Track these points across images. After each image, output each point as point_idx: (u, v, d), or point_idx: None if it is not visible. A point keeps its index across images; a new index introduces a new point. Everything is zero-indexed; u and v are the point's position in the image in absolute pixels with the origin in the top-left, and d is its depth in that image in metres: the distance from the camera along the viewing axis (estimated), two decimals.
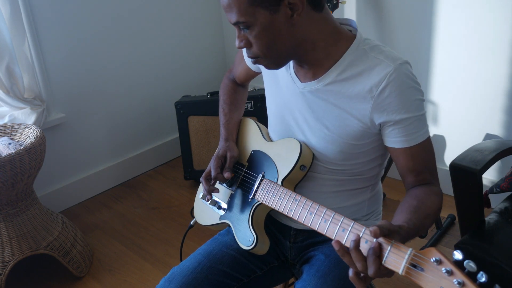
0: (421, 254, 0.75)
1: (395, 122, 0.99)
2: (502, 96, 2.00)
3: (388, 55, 1.00)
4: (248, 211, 1.14)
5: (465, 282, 0.69)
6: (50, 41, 2.23)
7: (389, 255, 0.79)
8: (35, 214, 1.84)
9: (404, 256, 0.77)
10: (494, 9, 1.90)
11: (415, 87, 1.00)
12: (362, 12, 2.30)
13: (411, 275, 0.76)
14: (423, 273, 0.74)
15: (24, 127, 1.89)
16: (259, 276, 1.19)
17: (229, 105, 1.34)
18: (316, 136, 1.08)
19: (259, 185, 1.12)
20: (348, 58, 1.02)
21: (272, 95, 1.19)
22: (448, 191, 2.32)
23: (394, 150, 1.03)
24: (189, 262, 1.16)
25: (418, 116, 1.00)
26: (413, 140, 1.00)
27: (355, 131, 1.03)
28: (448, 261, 0.72)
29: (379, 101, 0.98)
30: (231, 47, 3.06)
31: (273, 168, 1.13)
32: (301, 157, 1.07)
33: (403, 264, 0.77)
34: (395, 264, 0.78)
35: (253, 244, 1.11)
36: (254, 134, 1.26)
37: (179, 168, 2.79)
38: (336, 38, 1.03)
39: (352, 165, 1.09)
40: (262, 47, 0.99)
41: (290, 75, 1.11)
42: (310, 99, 1.07)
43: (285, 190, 1.06)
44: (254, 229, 1.11)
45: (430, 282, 0.73)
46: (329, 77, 1.03)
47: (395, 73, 0.97)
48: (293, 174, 1.09)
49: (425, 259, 0.74)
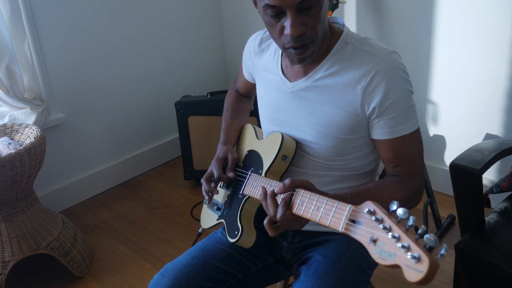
0: (358, 208, 0.76)
1: (381, 112, 0.99)
2: (502, 96, 2.00)
3: (375, 47, 1.02)
4: (238, 206, 1.16)
5: (392, 227, 0.69)
6: (50, 41, 2.23)
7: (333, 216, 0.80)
8: (35, 214, 1.85)
9: (343, 214, 0.78)
10: (494, 10, 1.90)
11: (404, 77, 1.00)
12: (362, 12, 2.30)
13: (350, 231, 0.76)
14: (359, 226, 0.74)
15: (24, 127, 1.89)
16: (254, 272, 1.20)
17: (231, 112, 1.37)
18: (308, 133, 1.09)
19: (248, 181, 1.15)
20: (337, 53, 1.03)
21: (263, 97, 1.22)
22: (448, 191, 2.34)
23: (377, 142, 1.04)
24: (182, 257, 1.17)
25: (405, 108, 0.99)
26: (397, 132, 1.01)
27: (346, 125, 1.04)
28: (380, 211, 0.72)
29: (369, 91, 0.99)
30: (231, 47, 3.06)
31: (260, 162, 1.16)
32: (282, 147, 1.09)
33: (343, 220, 0.78)
34: (338, 221, 0.79)
35: (238, 236, 1.12)
36: (250, 136, 1.30)
37: (179, 168, 2.79)
38: (330, 33, 1.06)
39: (347, 160, 1.10)
40: (317, 29, 0.97)
41: (279, 77, 1.13)
42: (300, 97, 1.08)
43: (268, 180, 1.07)
44: (241, 222, 1.13)
45: (364, 232, 0.73)
46: (318, 73, 1.05)
47: (383, 62, 0.98)
48: (276, 165, 1.10)
49: (359, 211, 0.75)
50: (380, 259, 0.69)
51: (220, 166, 1.22)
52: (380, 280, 1.82)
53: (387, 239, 0.69)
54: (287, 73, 1.12)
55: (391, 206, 0.71)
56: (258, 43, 1.22)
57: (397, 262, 0.67)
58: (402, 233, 0.68)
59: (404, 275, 0.66)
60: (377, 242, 0.70)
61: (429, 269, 0.63)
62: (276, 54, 1.17)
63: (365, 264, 1.12)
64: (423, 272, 0.63)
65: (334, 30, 1.07)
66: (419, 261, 0.64)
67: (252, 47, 1.24)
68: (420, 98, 2.25)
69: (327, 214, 0.82)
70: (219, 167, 1.21)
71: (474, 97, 2.09)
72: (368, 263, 1.13)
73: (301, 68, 1.08)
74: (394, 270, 1.85)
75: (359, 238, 0.74)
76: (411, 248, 0.65)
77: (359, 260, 1.11)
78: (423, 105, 2.26)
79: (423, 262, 0.64)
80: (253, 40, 1.25)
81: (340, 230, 0.78)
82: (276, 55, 1.16)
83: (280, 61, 1.15)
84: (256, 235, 1.15)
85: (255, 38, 1.25)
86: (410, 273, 0.65)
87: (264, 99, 1.21)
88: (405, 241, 0.67)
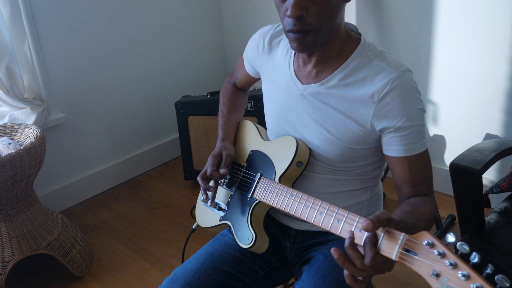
0: (414, 238, 0.75)
1: (395, 130, 0.99)
2: (502, 96, 2.00)
3: (391, 63, 1.01)
4: (247, 210, 1.14)
5: (458, 263, 0.68)
6: (50, 41, 2.23)
7: (383, 242, 0.78)
8: (35, 214, 1.84)
9: (397, 242, 0.76)
10: (493, 10, 1.90)
11: (417, 96, 1.00)
12: (362, 12, 2.30)
13: (405, 260, 0.75)
14: (416, 257, 0.73)
15: (24, 127, 1.89)
16: (261, 276, 1.19)
17: (228, 107, 1.35)
18: (315, 138, 1.08)
19: (257, 184, 1.13)
20: (352, 63, 1.02)
21: (270, 96, 1.19)
22: (448, 191, 2.34)
23: (391, 159, 1.03)
24: (191, 262, 1.16)
25: (418, 126, 1.00)
26: (412, 150, 1.00)
27: (356, 136, 1.03)
28: (440, 244, 0.71)
29: (380, 107, 0.98)
30: (231, 47, 3.06)
31: (270, 166, 1.13)
32: (298, 153, 1.08)
33: (396, 249, 0.76)
34: (389, 250, 0.77)
35: (252, 242, 1.11)
36: (253, 135, 1.27)
37: (179, 168, 2.79)
38: (347, 37, 1.04)
39: (352, 167, 1.10)
40: (321, 19, 0.95)
41: (290, 76, 1.11)
42: (310, 101, 1.07)
43: (282, 186, 1.06)
44: (253, 228, 1.12)
45: (423, 265, 0.72)
46: (332, 81, 1.04)
47: (398, 80, 0.98)
48: (290, 171, 1.09)
49: (418, 243, 0.74)
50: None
51: (214, 163, 1.19)
52: (380, 280, 1.82)
53: (455, 276, 0.68)
54: (299, 73, 1.10)
55: (448, 238, 0.70)
56: (269, 39, 1.18)
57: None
58: (471, 272, 0.66)
59: None
60: (441, 277, 0.69)
61: None
62: (288, 54, 1.14)
63: None
64: None
65: (351, 37, 1.05)
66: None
67: (261, 43, 1.20)
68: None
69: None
70: (212, 163, 1.19)
71: (474, 97, 2.09)
72: None
73: (313, 70, 1.06)
74: (394, 270, 1.85)
75: (417, 269, 0.72)
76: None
77: None
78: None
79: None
80: (263, 35, 1.20)
81: (394, 258, 0.76)
82: (288, 54, 1.13)
83: (293, 61, 1.12)
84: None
85: (265, 34, 1.20)
86: None
87: (272, 98, 1.18)
88: (476, 281, 0.65)
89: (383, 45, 2.29)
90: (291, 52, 1.13)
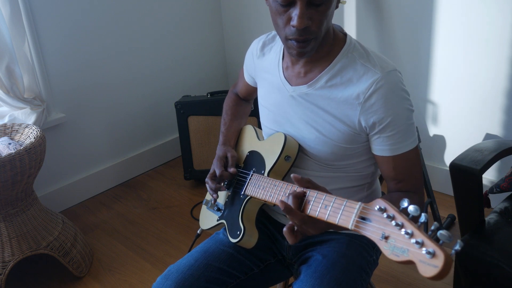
0: (368, 205, 0.77)
1: (380, 130, 1.01)
2: (502, 96, 2.00)
3: (376, 63, 1.02)
4: (239, 206, 1.16)
5: (404, 223, 0.69)
6: (50, 41, 2.23)
7: (343, 213, 0.80)
8: (35, 214, 1.84)
9: (353, 211, 0.78)
10: (493, 10, 1.90)
11: (403, 96, 1.01)
12: (362, 12, 2.30)
13: (359, 228, 0.76)
14: (370, 223, 0.75)
15: (24, 127, 1.89)
16: (256, 273, 1.20)
17: (230, 115, 1.39)
18: (307, 138, 1.10)
19: (250, 181, 1.15)
20: (338, 64, 1.04)
21: (263, 99, 1.22)
22: (448, 191, 2.34)
23: (377, 157, 1.06)
24: (185, 259, 1.17)
25: (405, 126, 1.01)
26: (397, 150, 1.02)
27: (346, 135, 1.05)
28: (392, 208, 0.73)
29: (366, 107, 1.00)
30: (231, 47, 3.06)
31: (262, 162, 1.16)
32: (285, 147, 1.10)
33: (353, 218, 0.78)
34: (346, 218, 0.79)
35: (240, 236, 1.12)
36: (250, 137, 1.31)
37: (179, 168, 2.79)
38: (333, 37, 1.06)
39: (346, 164, 1.11)
40: (323, 27, 0.98)
41: (280, 78, 1.14)
42: (300, 102, 1.09)
43: (270, 180, 1.07)
44: (243, 222, 1.14)
45: (375, 230, 0.73)
46: (319, 82, 1.06)
47: (382, 80, 0.99)
48: (279, 165, 1.11)
49: (370, 209, 0.76)
50: (392, 256, 0.69)
51: (221, 164, 1.23)
52: (380, 281, 1.82)
53: (400, 236, 0.69)
54: (288, 74, 1.12)
55: (402, 204, 0.71)
56: (261, 46, 1.23)
57: (410, 258, 0.67)
58: (415, 229, 0.68)
59: (418, 270, 0.66)
60: (389, 239, 0.70)
61: (444, 264, 0.63)
62: (277, 56, 1.17)
63: (365, 264, 1.12)
64: (438, 267, 0.64)
65: (337, 35, 1.07)
66: (434, 256, 0.64)
67: (254, 50, 1.26)
68: (420, 98, 2.25)
69: (336, 212, 0.82)
70: (220, 165, 1.23)
71: (474, 97, 2.09)
72: (368, 263, 1.13)
73: (302, 69, 1.08)
74: (394, 270, 1.85)
75: (369, 235, 0.74)
76: (426, 244, 0.66)
77: (359, 260, 1.11)
78: (423, 105, 2.26)
79: (438, 257, 0.64)
80: (256, 43, 1.27)
81: (350, 227, 0.78)
82: (278, 56, 1.17)
83: (281, 62, 1.15)
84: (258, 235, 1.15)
85: (258, 42, 1.26)
86: (425, 268, 0.65)
87: (265, 100, 1.21)
88: (418, 237, 0.67)
89: (383, 45, 2.29)
90: (280, 54, 1.16)
